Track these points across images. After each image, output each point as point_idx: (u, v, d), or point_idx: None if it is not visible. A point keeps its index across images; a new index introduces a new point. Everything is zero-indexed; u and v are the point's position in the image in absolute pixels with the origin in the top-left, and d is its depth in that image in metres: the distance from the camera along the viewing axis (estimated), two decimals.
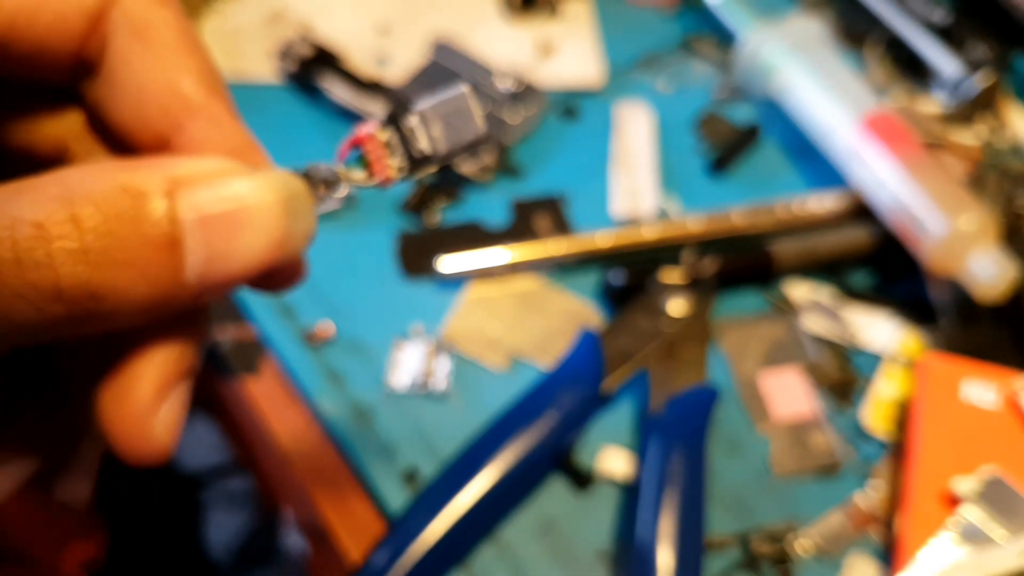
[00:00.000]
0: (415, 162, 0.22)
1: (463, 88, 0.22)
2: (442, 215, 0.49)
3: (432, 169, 0.23)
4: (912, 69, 0.58)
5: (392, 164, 0.22)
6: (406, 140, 0.22)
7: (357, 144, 0.22)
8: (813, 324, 0.47)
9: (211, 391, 0.47)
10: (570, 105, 0.54)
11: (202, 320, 0.21)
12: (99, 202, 0.17)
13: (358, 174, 0.22)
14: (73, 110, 0.23)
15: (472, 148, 0.22)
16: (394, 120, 0.22)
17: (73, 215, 0.17)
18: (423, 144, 0.22)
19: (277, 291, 0.24)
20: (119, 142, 0.22)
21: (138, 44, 0.21)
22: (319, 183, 0.22)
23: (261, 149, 0.22)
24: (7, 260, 0.16)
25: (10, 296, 0.16)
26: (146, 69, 0.21)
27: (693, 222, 0.48)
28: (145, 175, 0.18)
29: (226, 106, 0.22)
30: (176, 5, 0.22)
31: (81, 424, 0.22)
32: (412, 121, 0.22)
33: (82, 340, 0.18)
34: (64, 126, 0.23)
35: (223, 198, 0.18)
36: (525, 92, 0.52)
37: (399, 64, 0.54)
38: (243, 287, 0.20)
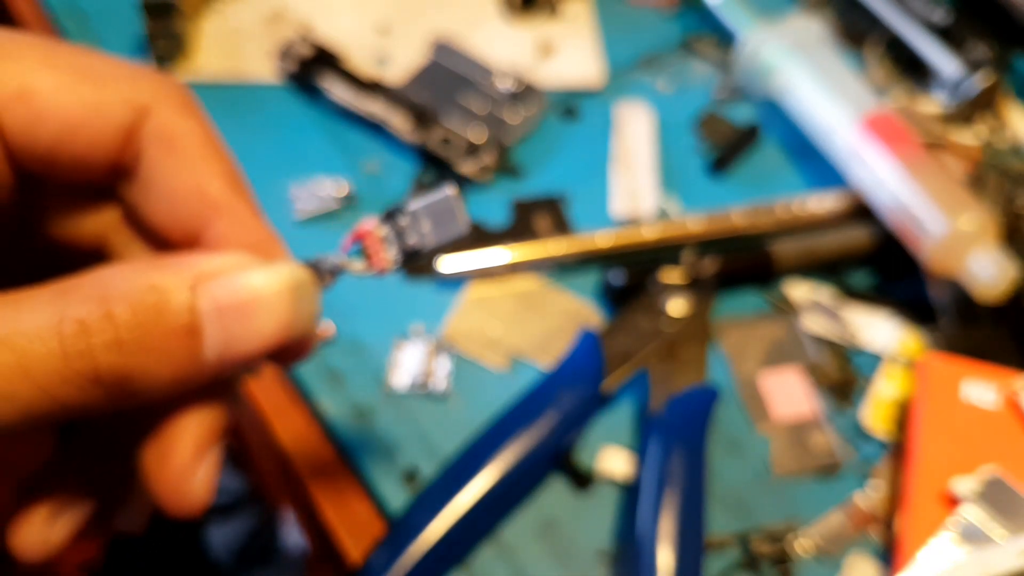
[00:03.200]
0: (407, 255, 0.25)
1: (448, 191, 0.25)
2: None
3: (422, 261, 0.25)
4: (912, 69, 0.58)
5: (388, 256, 0.25)
6: (400, 235, 0.25)
7: (358, 239, 0.25)
8: (813, 324, 0.47)
9: None
10: (570, 105, 0.54)
11: (231, 387, 0.24)
12: (130, 299, 0.20)
13: (358, 264, 0.25)
14: (111, 206, 0.26)
15: (458, 243, 0.25)
16: (390, 218, 0.25)
17: (108, 312, 0.19)
18: (413, 240, 0.25)
19: (288, 364, 0.26)
20: (153, 235, 0.25)
21: (169, 152, 0.24)
22: (325, 273, 0.25)
23: (280, 242, 0.25)
24: (55, 352, 0.19)
25: (58, 382, 0.19)
26: (176, 175, 0.24)
27: (693, 222, 0.48)
28: (169, 273, 0.20)
29: (248, 205, 0.25)
30: (201, 115, 0.25)
31: (132, 467, 0.25)
32: (404, 221, 0.25)
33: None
34: (103, 221, 0.26)
35: (239, 289, 0.21)
36: (525, 92, 0.52)
37: (399, 64, 0.54)
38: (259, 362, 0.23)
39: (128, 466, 0.24)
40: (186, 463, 0.22)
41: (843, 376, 0.45)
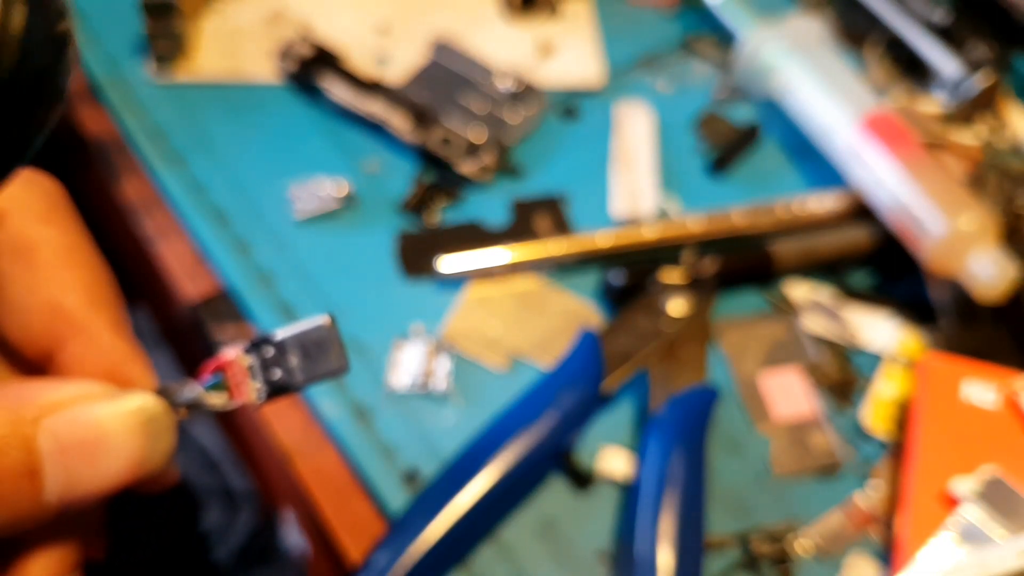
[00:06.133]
0: (273, 387, 0.23)
1: (323, 321, 0.23)
2: (442, 215, 0.49)
3: (294, 392, 0.23)
4: (912, 69, 0.58)
5: (253, 387, 0.23)
6: (265, 368, 0.23)
7: (219, 369, 0.23)
8: (813, 324, 0.47)
9: None
10: (570, 105, 0.54)
11: (88, 518, 0.23)
12: None
13: (217, 398, 0.23)
14: None
15: (333, 377, 0.23)
16: (256, 347, 0.23)
17: None
18: (276, 376, 0.23)
19: (146, 495, 0.24)
20: (7, 350, 0.23)
21: (21, 264, 0.22)
22: (180, 406, 0.23)
23: (142, 360, 0.23)
24: None
25: None
26: (29, 288, 0.22)
27: (693, 222, 0.48)
28: (7, 407, 0.19)
29: (108, 320, 0.23)
30: (66, 220, 0.23)
31: None
32: (268, 352, 0.23)
33: None
34: None
35: (83, 424, 0.19)
36: (525, 92, 0.52)
37: (399, 64, 0.54)
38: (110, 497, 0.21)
39: None
40: None
41: (843, 376, 0.45)
